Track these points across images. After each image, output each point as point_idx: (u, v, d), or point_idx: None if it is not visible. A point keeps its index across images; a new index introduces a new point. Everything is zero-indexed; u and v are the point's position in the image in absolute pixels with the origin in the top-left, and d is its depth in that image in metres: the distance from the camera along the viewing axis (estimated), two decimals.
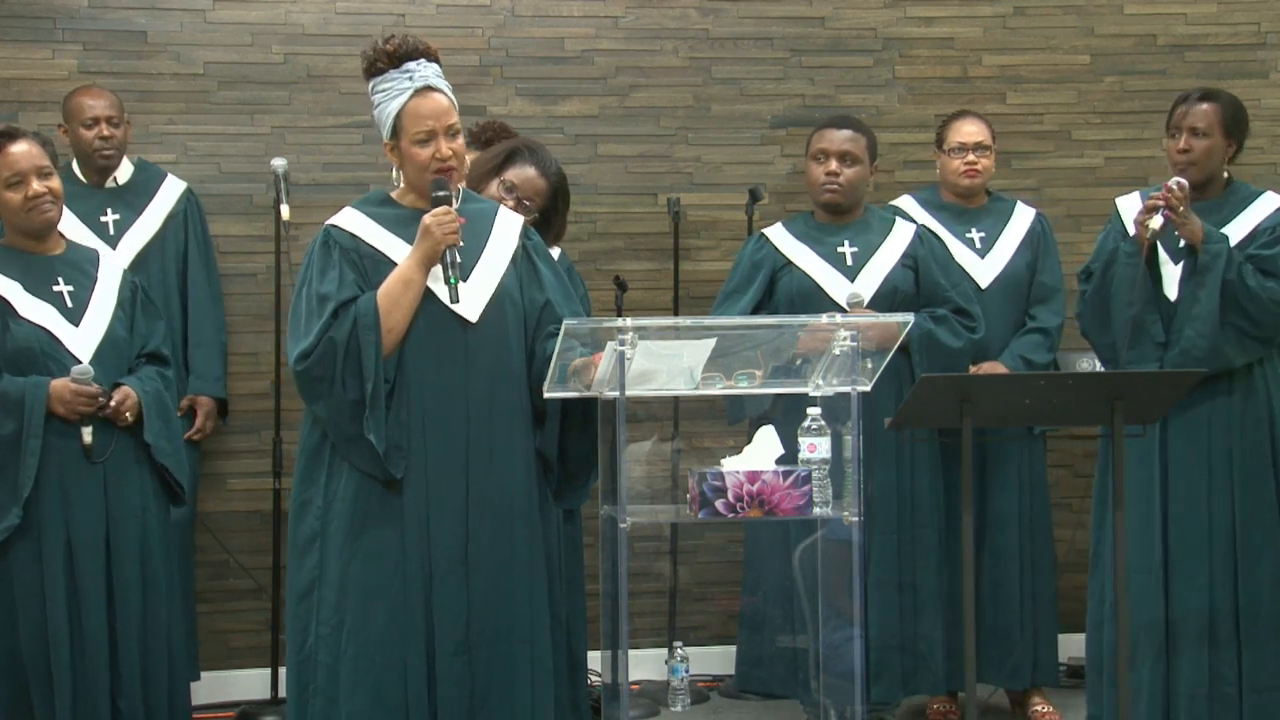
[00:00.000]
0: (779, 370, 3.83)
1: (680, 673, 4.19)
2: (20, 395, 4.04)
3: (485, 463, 3.70)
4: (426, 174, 3.72)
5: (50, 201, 4.17)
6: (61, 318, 4.17)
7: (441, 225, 3.63)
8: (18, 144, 4.14)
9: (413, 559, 3.66)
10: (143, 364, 4.31)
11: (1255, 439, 4.45)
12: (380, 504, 3.67)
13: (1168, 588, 4.44)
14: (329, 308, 3.66)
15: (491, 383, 3.72)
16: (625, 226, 5.91)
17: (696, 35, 5.99)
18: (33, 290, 4.15)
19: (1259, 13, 6.22)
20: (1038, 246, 5.27)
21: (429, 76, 3.73)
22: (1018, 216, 5.32)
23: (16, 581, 4.05)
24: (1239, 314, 4.39)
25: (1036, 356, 5.12)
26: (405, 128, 3.71)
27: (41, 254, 4.23)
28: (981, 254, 5.21)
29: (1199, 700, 4.39)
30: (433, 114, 3.70)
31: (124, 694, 4.12)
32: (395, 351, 3.67)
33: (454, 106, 3.75)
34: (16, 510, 4.01)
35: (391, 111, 3.73)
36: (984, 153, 5.24)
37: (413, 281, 3.67)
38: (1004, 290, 5.18)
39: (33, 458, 4.03)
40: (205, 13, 5.71)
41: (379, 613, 3.64)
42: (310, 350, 3.63)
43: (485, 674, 3.67)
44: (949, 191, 5.31)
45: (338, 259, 3.74)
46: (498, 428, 3.72)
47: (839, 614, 3.84)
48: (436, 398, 3.68)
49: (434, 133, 3.70)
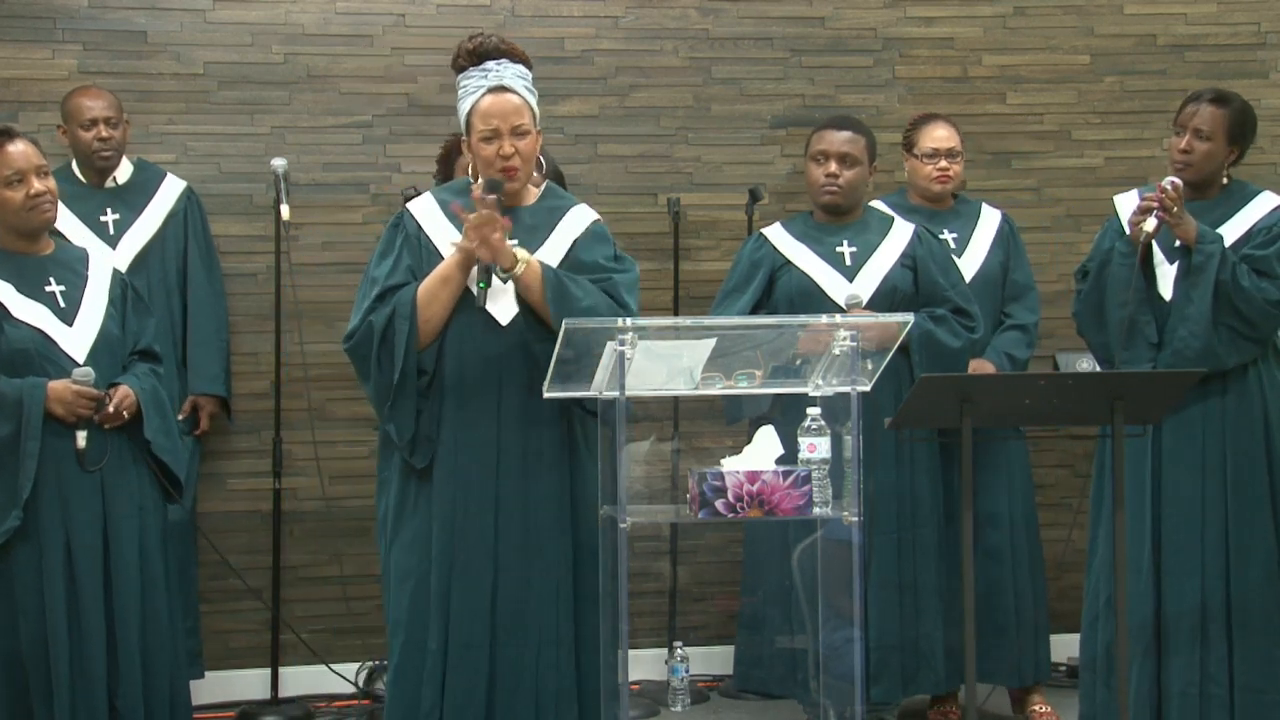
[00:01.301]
0: (779, 370, 3.84)
1: (680, 673, 4.19)
2: (18, 397, 4.03)
3: (517, 464, 3.77)
4: (489, 170, 3.81)
5: (50, 201, 4.17)
6: (55, 318, 4.17)
7: (479, 230, 3.69)
8: (15, 143, 4.15)
9: (439, 549, 3.75)
10: (135, 361, 4.31)
11: (1248, 439, 4.44)
12: (417, 492, 3.80)
13: (1159, 587, 4.44)
14: (375, 291, 3.80)
15: (525, 387, 3.77)
16: (625, 226, 5.89)
17: (696, 35, 5.99)
18: (25, 291, 4.15)
19: (1259, 13, 6.22)
20: (1008, 246, 5.34)
21: (505, 76, 3.82)
22: (986, 218, 5.36)
23: (16, 583, 4.04)
24: (1232, 314, 4.38)
25: (1018, 353, 5.19)
26: (474, 124, 3.82)
27: (32, 254, 4.23)
28: (958, 254, 5.23)
29: (1190, 699, 4.39)
30: (499, 113, 3.79)
31: (123, 694, 4.12)
32: (435, 344, 3.78)
33: (528, 107, 3.83)
34: (16, 512, 4.01)
35: (465, 109, 3.85)
36: (955, 158, 5.28)
37: (451, 278, 3.76)
38: (981, 289, 5.20)
39: (31, 460, 4.03)
40: (205, 13, 5.71)
41: (405, 597, 3.78)
42: (353, 332, 3.82)
43: (507, 671, 3.73)
44: (917, 195, 5.33)
45: (400, 244, 3.87)
46: (531, 432, 3.77)
47: (838, 614, 3.84)
48: (469, 395, 3.77)
49: (498, 131, 3.79)
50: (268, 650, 5.45)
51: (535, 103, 3.88)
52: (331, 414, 5.66)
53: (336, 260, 5.66)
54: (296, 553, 5.65)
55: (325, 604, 5.65)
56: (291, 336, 5.44)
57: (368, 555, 5.09)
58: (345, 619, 5.57)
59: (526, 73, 3.88)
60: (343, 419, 5.63)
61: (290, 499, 5.60)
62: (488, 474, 3.76)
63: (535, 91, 3.90)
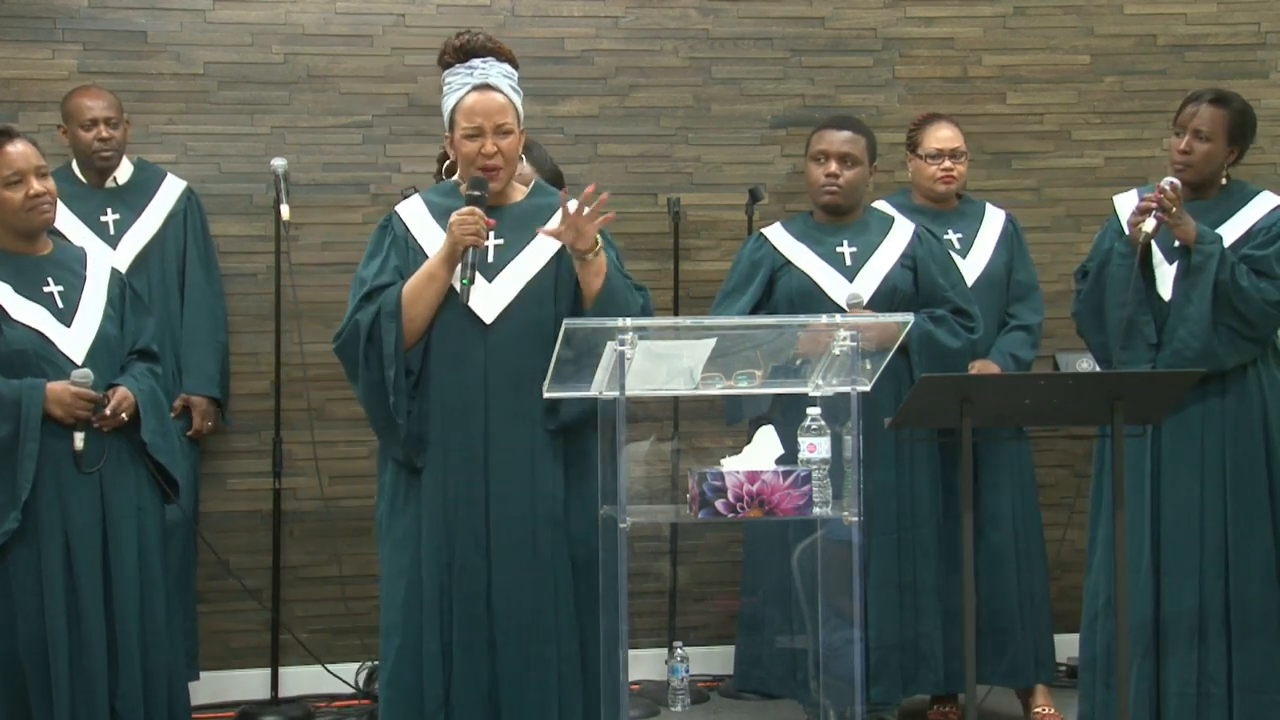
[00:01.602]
0: (779, 370, 3.83)
1: (680, 673, 4.18)
2: (16, 398, 4.04)
3: (507, 463, 3.75)
4: (471, 169, 3.80)
5: (49, 202, 4.17)
6: (53, 319, 4.17)
7: (463, 225, 3.68)
8: (15, 144, 4.15)
9: (429, 549, 3.73)
10: (134, 361, 4.31)
11: (1247, 439, 4.44)
12: (407, 492, 3.79)
13: (1158, 587, 4.44)
14: (363, 291, 3.80)
15: (512, 386, 3.75)
16: (625, 226, 5.86)
17: (696, 35, 5.99)
18: (23, 292, 4.16)
19: (1259, 13, 6.22)
20: (1012, 246, 5.33)
21: (490, 74, 3.80)
22: (990, 218, 5.36)
23: (15, 584, 4.05)
24: (1231, 314, 4.38)
25: (1023, 353, 5.17)
26: (457, 122, 3.80)
27: (31, 255, 4.23)
28: (963, 254, 5.22)
29: (1188, 699, 4.39)
30: (483, 111, 3.77)
31: (122, 695, 4.12)
32: (421, 342, 3.77)
33: (512, 106, 3.81)
34: (15, 514, 4.01)
35: (449, 105, 3.83)
36: (959, 158, 5.27)
37: (436, 276, 3.75)
38: (986, 290, 5.20)
39: (30, 460, 4.03)
40: (205, 13, 5.71)
41: (399, 596, 3.76)
42: (341, 332, 3.81)
43: (511, 672, 3.71)
44: (921, 195, 5.32)
45: (388, 245, 3.86)
46: (520, 430, 3.76)
47: (838, 614, 3.83)
48: (456, 394, 3.76)
49: (481, 129, 3.77)
50: (267, 650, 5.45)
51: (520, 102, 3.86)
52: (331, 414, 5.66)
53: (336, 260, 5.65)
54: (296, 553, 5.65)
55: (325, 604, 5.65)
56: (291, 336, 5.44)
57: (367, 555, 5.08)
58: (345, 619, 5.57)
59: (513, 72, 3.86)
60: (343, 419, 5.63)
61: (290, 499, 5.60)
62: (477, 471, 3.74)
63: (521, 91, 3.88)
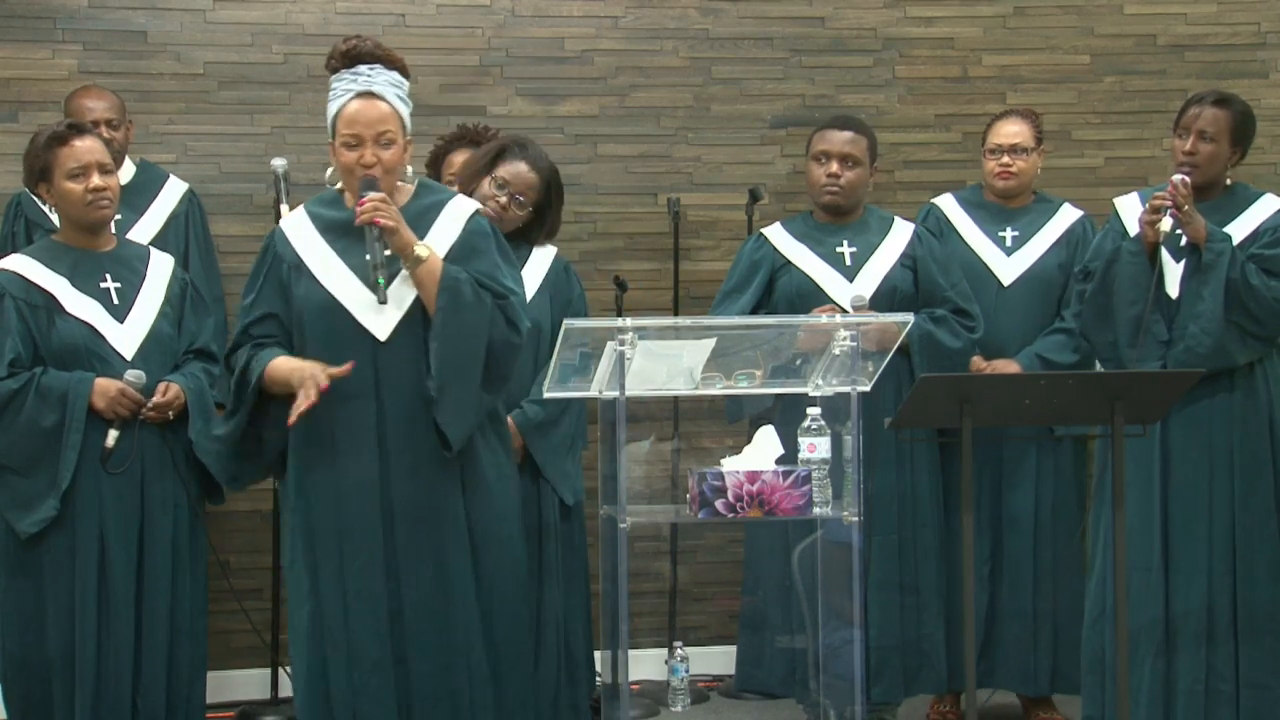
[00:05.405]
0: (779, 370, 3.84)
1: (680, 673, 4.19)
2: (64, 390, 4.10)
3: (408, 479, 3.65)
4: (350, 178, 3.69)
5: (108, 198, 4.22)
6: (106, 314, 4.22)
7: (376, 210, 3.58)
8: (84, 139, 4.22)
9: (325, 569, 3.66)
10: (190, 360, 4.36)
11: (1255, 437, 4.44)
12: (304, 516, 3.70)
13: (1167, 586, 4.44)
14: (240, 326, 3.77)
15: (409, 402, 3.64)
16: (625, 226, 5.91)
17: (696, 35, 5.99)
18: (80, 286, 4.21)
19: (1259, 13, 6.22)
20: (1075, 247, 5.16)
21: (375, 82, 3.68)
22: (1059, 217, 5.24)
23: (48, 572, 4.10)
24: (1242, 312, 4.39)
25: (1057, 356, 5.01)
26: (338, 129, 3.70)
27: (92, 250, 4.28)
28: (1009, 252, 5.17)
29: (1196, 697, 4.39)
30: (365, 120, 3.66)
31: (145, 692, 4.15)
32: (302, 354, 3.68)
33: (396, 115, 3.70)
34: (53, 502, 4.06)
35: (331, 112, 3.72)
36: (1021, 154, 5.18)
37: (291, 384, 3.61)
38: (1029, 289, 5.12)
39: (73, 451, 4.08)
40: (205, 13, 5.71)
41: (303, 617, 3.69)
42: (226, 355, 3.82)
43: (423, 687, 3.64)
44: (989, 191, 5.29)
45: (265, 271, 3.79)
46: (420, 444, 3.64)
47: (838, 614, 3.84)
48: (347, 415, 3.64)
49: (361, 138, 3.66)
50: (268, 650, 5.45)
51: (408, 113, 3.74)
52: None
53: None
54: None
55: None
56: None
57: None
58: None
59: (401, 80, 3.74)
60: None
61: None
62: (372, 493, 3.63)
63: (409, 102, 3.76)
